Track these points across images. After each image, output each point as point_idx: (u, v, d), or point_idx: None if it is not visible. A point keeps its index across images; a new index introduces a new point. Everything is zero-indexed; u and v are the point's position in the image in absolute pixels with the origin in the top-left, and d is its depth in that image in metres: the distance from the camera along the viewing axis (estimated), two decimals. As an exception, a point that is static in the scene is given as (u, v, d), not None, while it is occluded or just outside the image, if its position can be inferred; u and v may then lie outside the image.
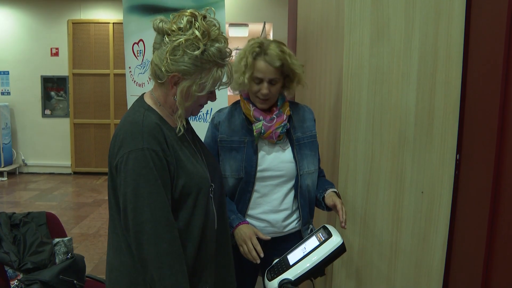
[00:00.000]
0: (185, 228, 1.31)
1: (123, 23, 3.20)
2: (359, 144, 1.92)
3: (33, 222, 2.20)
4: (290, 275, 1.37)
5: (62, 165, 7.70)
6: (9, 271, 2.07)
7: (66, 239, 2.21)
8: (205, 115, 2.60)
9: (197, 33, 1.24)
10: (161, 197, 1.23)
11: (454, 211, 1.94)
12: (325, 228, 1.47)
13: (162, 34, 1.29)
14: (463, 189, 1.89)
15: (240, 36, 6.78)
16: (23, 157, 7.68)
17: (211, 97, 1.40)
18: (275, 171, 1.74)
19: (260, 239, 1.65)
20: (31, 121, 7.66)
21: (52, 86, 7.62)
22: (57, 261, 2.13)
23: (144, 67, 2.98)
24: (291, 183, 1.77)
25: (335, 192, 1.75)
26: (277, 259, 1.49)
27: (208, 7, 1.35)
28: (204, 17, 1.29)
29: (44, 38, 7.46)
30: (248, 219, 1.76)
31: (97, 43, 7.44)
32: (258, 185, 1.75)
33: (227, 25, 6.70)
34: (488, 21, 1.71)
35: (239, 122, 1.77)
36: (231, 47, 1.39)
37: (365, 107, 1.90)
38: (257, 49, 1.66)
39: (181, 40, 1.24)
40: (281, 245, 1.74)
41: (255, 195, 1.76)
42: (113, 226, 1.32)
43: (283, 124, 1.71)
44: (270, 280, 1.40)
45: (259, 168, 1.73)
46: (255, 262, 1.60)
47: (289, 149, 1.77)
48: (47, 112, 7.67)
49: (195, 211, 1.32)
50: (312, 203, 1.82)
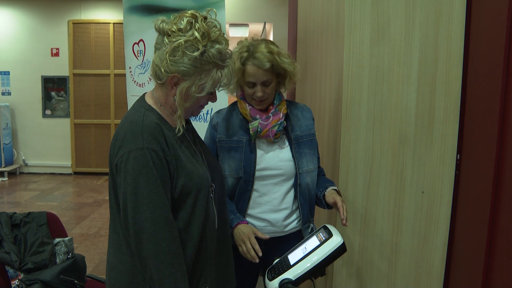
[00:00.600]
0: (184, 227, 1.31)
1: (123, 23, 3.20)
2: (360, 144, 1.92)
3: (33, 222, 2.20)
4: (290, 275, 1.37)
5: (62, 165, 7.71)
6: (10, 271, 2.07)
7: (66, 239, 2.21)
8: (206, 115, 2.60)
9: (197, 34, 1.24)
10: (161, 196, 1.24)
11: (454, 211, 1.94)
12: (325, 228, 1.47)
13: (163, 34, 1.29)
14: (463, 189, 1.89)
15: (240, 36, 6.77)
16: (23, 157, 7.69)
17: (212, 98, 1.40)
18: (274, 170, 1.74)
19: (259, 238, 1.65)
20: (31, 121, 7.67)
21: (52, 86, 7.63)
22: (57, 261, 2.13)
23: (144, 67, 2.98)
24: (291, 182, 1.77)
25: (336, 190, 1.75)
26: (278, 259, 1.49)
27: (209, 8, 1.35)
28: (204, 18, 1.29)
29: (44, 38, 7.47)
30: (248, 219, 1.76)
31: (98, 43, 7.45)
32: (257, 184, 1.75)
33: (228, 25, 6.71)
34: (488, 20, 1.71)
35: (237, 122, 1.77)
36: (231, 47, 1.39)
37: (366, 107, 1.90)
38: (245, 54, 1.65)
39: (181, 41, 1.24)
40: (282, 245, 1.74)
41: (254, 195, 1.76)
42: (113, 225, 1.33)
43: (279, 122, 1.72)
44: (270, 280, 1.40)
45: (258, 167, 1.73)
46: (254, 261, 1.60)
47: (288, 147, 1.77)
48: (48, 112, 7.68)
49: (195, 211, 1.32)
50: (312, 201, 1.82)
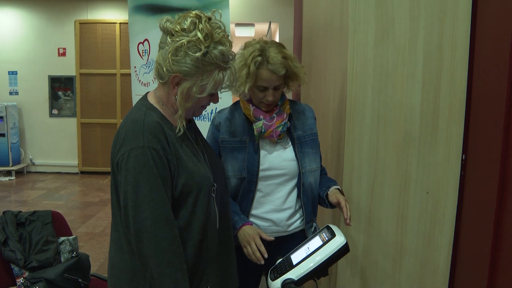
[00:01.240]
0: (185, 226, 1.31)
1: (128, 23, 3.21)
2: (364, 143, 1.91)
3: (38, 220, 2.21)
4: (293, 275, 1.36)
5: (69, 164, 7.75)
6: (15, 269, 2.08)
7: (71, 237, 2.22)
8: (210, 115, 2.60)
9: (199, 35, 1.24)
10: (161, 195, 1.24)
11: (459, 211, 1.92)
12: (328, 228, 1.46)
13: (166, 33, 1.29)
14: (468, 189, 1.88)
15: (246, 36, 6.78)
16: (30, 157, 7.74)
17: (213, 99, 1.40)
18: (277, 170, 1.74)
19: (264, 239, 1.64)
20: (38, 120, 7.71)
21: (59, 86, 7.67)
22: (62, 259, 2.14)
23: (149, 67, 2.99)
24: (294, 182, 1.77)
25: (339, 189, 1.74)
26: (281, 259, 1.48)
27: (214, 9, 1.35)
28: (209, 19, 1.28)
29: (51, 38, 7.52)
30: (251, 219, 1.76)
31: (104, 43, 7.48)
32: (260, 185, 1.74)
33: (233, 25, 6.71)
34: (494, 19, 1.70)
35: (240, 122, 1.77)
36: (237, 47, 1.38)
37: (370, 106, 1.89)
38: (259, 58, 1.63)
39: (183, 41, 1.24)
40: (285, 244, 1.73)
41: (258, 195, 1.75)
42: (115, 223, 1.34)
43: (283, 123, 1.71)
44: (273, 280, 1.39)
45: (261, 167, 1.73)
46: (259, 263, 1.60)
47: (291, 147, 1.77)
48: (55, 111, 7.72)
49: (196, 210, 1.32)
50: (315, 201, 1.82)
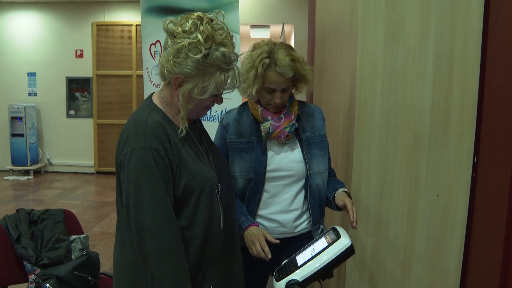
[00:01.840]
0: (188, 226, 1.32)
1: (141, 25, 3.24)
2: (373, 145, 1.90)
3: (50, 219, 2.25)
4: (297, 276, 1.36)
5: (85, 164, 7.85)
6: (27, 266, 2.12)
7: (82, 236, 2.25)
8: (219, 115, 2.61)
9: (200, 37, 1.25)
10: (162, 195, 1.25)
11: (471, 214, 1.89)
12: (334, 229, 1.46)
13: (169, 35, 1.30)
14: (480, 192, 1.85)
15: (261, 38, 6.77)
16: (48, 157, 7.87)
17: (217, 100, 1.40)
18: (285, 171, 1.74)
19: (269, 241, 1.64)
20: (56, 121, 7.84)
21: (76, 87, 7.79)
22: (73, 257, 2.17)
23: (160, 68, 3.01)
24: (301, 183, 1.76)
25: (346, 191, 1.73)
26: (286, 260, 1.48)
27: (218, 10, 1.35)
28: (211, 21, 1.29)
29: (69, 40, 7.64)
30: (258, 220, 1.75)
31: (120, 45, 7.57)
32: (268, 185, 1.74)
33: (249, 27, 6.72)
34: (507, 19, 1.67)
35: (248, 122, 1.77)
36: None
37: (379, 107, 1.87)
38: (267, 60, 1.62)
39: (184, 43, 1.25)
40: (292, 245, 1.73)
41: (265, 196, 1.75)
42: (119, 222, 1.36)
43: (291, 123, 1.71)
44: (278, 280, 1.39)
45: (268, 168, 1.73)
46: (266, 259, 1.60)
47: (299, 148, 1.76)
48: (72, 112, 7.84)
49: (198, 210, 1.33)
50: (322, 203, 1.81)
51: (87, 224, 4.94)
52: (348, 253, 1.36)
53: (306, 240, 1.71)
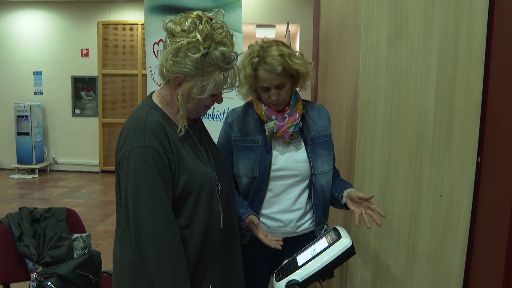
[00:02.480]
0: (187, 225, 1.32)
1: (144, 24, 3.25)
2: (376, 145, 1.88)
3: (53, 217, 2.26)
4: (298, 276, 1.36)
5: (90, 163, 7.89)
6: (29, 264, 2.13)
7: (84, 235, 2.26)
8: (222, 115, 2.61)
9: (199, 36, 1.24)
10: (161, 194, 1.24)
11: (474, 215, 1.88)
12: (335, 229, 1.45)
13: (169, 34, 1.30)
14: (484, 193, 1.83)
15: (267, 37, 6.76)
16: (53, 155, 7.91)
17: (216, 99, 1.40)
18: (289, 171, 1.73)
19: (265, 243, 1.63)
20: (61, 120, 7.88)
21: (82, 86, 7.82)
22: (75, 256, 2.18)
23: (163, 67, 3.01)
24: (305, 183, 1.76)
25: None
26: (287, 260, 1.48)
27: (217, 9, 1.35)
28: (210, 20, 1.28)
29: (75, 39, 7.67)
30: (261, 219, 1.75)
31: (126, 44, 7.59)
32: (272, 185, 1.74)
33: (254, 26, 6.71)
34: (511, 19, 1.65)
35: (253, 121, 1.77)
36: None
37: (382, 108, 1.86)
38: (256, 59, 1.63)
39: (183, 42, 1.25)
40: (294, 245, 1.72)
41: (268, 195, 1.75)
42: (119, 220, 1.36)
43: (295, 123, 1.70)
44: (278, 280, 1.39)
45: (273, 167, 1.72)
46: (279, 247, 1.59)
47: (303, 148, 1.75)
48: (77, 111, 7.87)
49: (197, 209, 1.33)
50: (326, 203, 1.80)
51: (92, 222, 4.96)
52: (348, 253, 1.36)
53: (308, 240, 1.70)
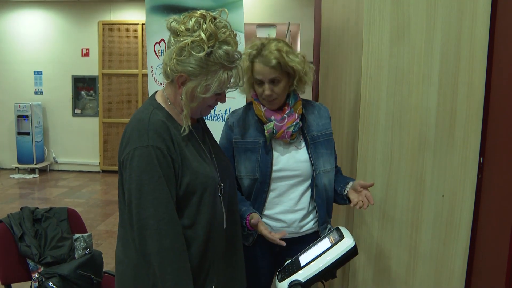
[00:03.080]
0: (190, 225, 1.32)
1: (145, 23, 3.25)
2: (378, 145, 1.88)
3: (54, 217, 2.25)
4: (300, 276, 1.35)
5: (91, 163, 7.88)
6: (31, 264, 2.12)
7: (86, 235, 2.25)
8: (223, 115, 2.61)
9: (203, 35, 1.24)
10: (165, 193, 1.24)
11: (476, 215, 1.88)
12: (338, 229, 1.45)
13: (172, 33, 1.30)
14: (486, 193, 1.83)
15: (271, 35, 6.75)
16: (54, 155, 7.90)
17: (220, 99, 1.39)
18: (291, 171, 1.73)
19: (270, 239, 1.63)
20: (62, 120, 7.87)
21: (82, 85, 7.81)
22: (76, 256, 2.18)
23: (165, 67, 3.02)
24: (308, 183, 1.75)
25: None
26: (289, 260, 1.47)
27: (221, 9, 1.35)
28: (214, 19, 1.28)
29: (75, 39, 7.66)
30: (264, 219, 1.75)
31: (126, 44, 7.58)
32: (274, 185, 1.73)
33: (255, 26, 6.70)
34: (514, 19, 1.65)
35: (253, 123, 1.76)
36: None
37: (384, 108, 1.86)
38: (254, 52, 1.65)
39: (187, 41, 1.25)
40: (298, 246, 1.71)
41: (271, 195, 1.74)
42: (121, 220, 1.36)
43: (294, 123, 1.69)
44: (280, 281, 1.39)
45: (274, 168, 1.72)
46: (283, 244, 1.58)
47: (304, 148, 1.75)
48: (78, 111, 7.87)
49: (201, 209, 1.32)
50: (330, 202, 1.79)
51: (92, 222, 4.96)
52: (351, 254, 1.35)
53: (312, 240, 1.69)
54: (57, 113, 7.86)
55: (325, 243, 1.42)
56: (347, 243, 1.36)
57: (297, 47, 6.95)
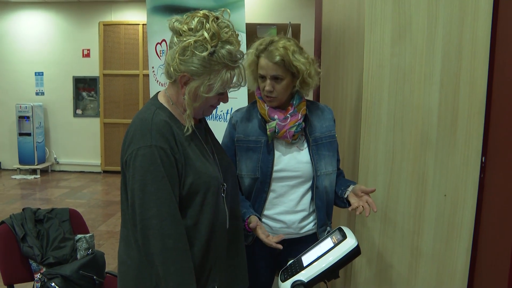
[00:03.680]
0: (193, 225, 1.32)
1: (146, 24, 3.25)
2: (380, 145, 1.88)
3: (56, 218, 2.25)
4: (303, 276, 1.35)
5: (92, 163, 7.88)
6: (33, 265, 2.13)
7: (88, 235, 2.25)
8: (225, 115, 2.61)
9: (206, 34, 1.24)
10: (168, 193, 1.24)
11: (478, 215, 1.88)
12: (340, 229, 1.44)
13: (175, 33, 1.30)
14: (488, 192, 1.83)
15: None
16: (55, 156, 7.90)
17: (223, 99, 1.39)
18: (292, 172, 1.72)
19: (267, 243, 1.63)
20: (63, 120, 7.87)
21: (83, 86, 7.81)
22: (78, 256, 2.18)
23: (166, 67, 3.02)
24: (308, 184, 1.75)
25: None
26: (292, 260, 1.47)
27: (223, 8, 1.35)
28: (216, 19, 1.28)
29: (76, 40, 7.66)
30: (264, 220, 1.75)
31: (127, 44, 7.58)
32: (274, 186, 1.73)
33: (256, 26, 6.70)
34: (515, 18, 1.65)
35: (256, 122, 1.76)
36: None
37: (386, 107, 1.86)
38: (261, 47, 1.66)
39: (190, 41, 1.25)
40: (297, 246, 1.71)
41: (271, 195, 1.74)
42: (124, 220, 1.36)
43: (297, 123, 1.69)
44: (283, 281, 1.38)
45: (275, 168, 1.72)
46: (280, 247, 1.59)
47: (306, 149, 1.74)
48: (79, 112, 7.87)
49: (203, 209, 1.32)
50: (330, 205, 1.79)
51: (93, 223, 4.95)
52: (354, 253, 1.35)
53: (311, 241, 1.68)
54: (58, 114, 7.86)
55: (327, 243, 1.41)
56: (350, 243, 1.36)
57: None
